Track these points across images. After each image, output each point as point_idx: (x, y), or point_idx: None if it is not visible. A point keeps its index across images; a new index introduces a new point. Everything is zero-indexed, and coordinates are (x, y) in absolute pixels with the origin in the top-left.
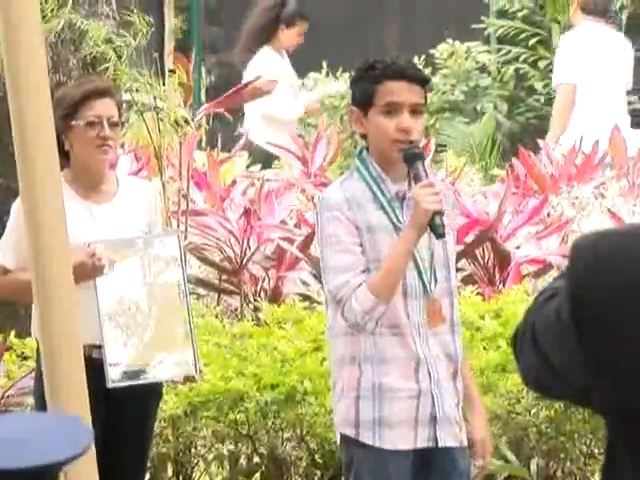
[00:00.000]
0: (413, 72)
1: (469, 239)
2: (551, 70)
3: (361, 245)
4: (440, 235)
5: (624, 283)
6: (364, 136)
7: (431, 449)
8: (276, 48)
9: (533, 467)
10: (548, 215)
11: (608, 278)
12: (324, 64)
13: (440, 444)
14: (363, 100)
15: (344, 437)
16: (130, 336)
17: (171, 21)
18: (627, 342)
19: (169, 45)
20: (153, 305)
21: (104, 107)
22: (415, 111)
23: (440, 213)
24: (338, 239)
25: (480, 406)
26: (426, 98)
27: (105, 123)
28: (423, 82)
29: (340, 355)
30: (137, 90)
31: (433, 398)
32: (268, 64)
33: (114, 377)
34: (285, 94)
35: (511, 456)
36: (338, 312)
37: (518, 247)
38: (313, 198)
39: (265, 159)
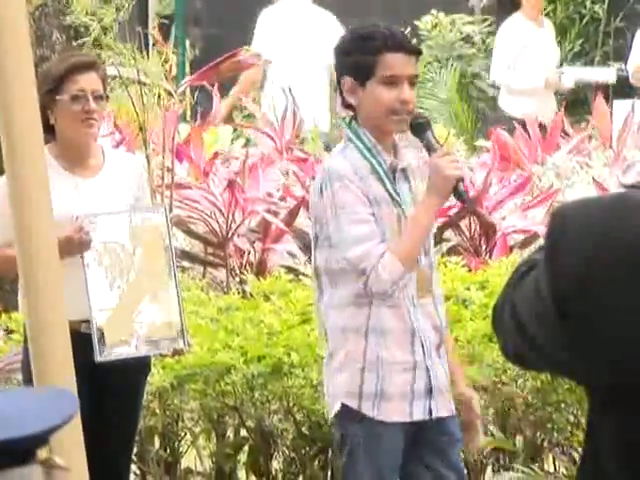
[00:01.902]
0: (409, 44)
1: (455, 210)
2: None
3: (373, 215)
4: (466, 200)
5: (609, 261)
6: (349, 106)
7: (425, 420)
8: (527, 14)
9: (519, 438)
10: (533, 185)
11: (593, 257)
12: None
13: (434, 415)
14: (360, 71)
15: (344, 407)
16: (119, 307)
17: None
18: (609, 322)
19: (153, 20)
20: (141, 278)
21: (89, 81)
22: (412, 82)
23: (462, 179)
24: (353, 209)
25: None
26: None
27: (90, 97)
28: (419, 54)
29: (341, 326)
30: (121, 64)
31: (428, 370)
32: (511, 32)
33: (102, 351)
34: (527, 63)
35: (495, 430)
36: (351, 282)
37: (504, 218)
38: (287, 173)
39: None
